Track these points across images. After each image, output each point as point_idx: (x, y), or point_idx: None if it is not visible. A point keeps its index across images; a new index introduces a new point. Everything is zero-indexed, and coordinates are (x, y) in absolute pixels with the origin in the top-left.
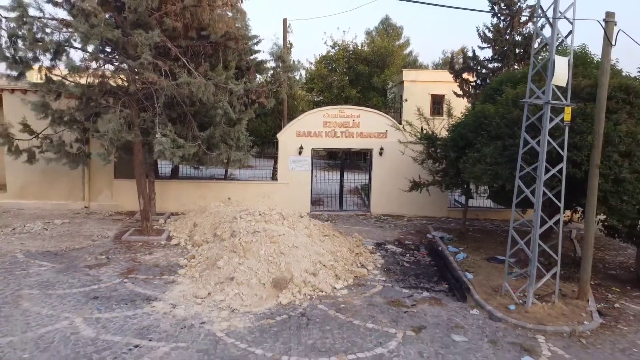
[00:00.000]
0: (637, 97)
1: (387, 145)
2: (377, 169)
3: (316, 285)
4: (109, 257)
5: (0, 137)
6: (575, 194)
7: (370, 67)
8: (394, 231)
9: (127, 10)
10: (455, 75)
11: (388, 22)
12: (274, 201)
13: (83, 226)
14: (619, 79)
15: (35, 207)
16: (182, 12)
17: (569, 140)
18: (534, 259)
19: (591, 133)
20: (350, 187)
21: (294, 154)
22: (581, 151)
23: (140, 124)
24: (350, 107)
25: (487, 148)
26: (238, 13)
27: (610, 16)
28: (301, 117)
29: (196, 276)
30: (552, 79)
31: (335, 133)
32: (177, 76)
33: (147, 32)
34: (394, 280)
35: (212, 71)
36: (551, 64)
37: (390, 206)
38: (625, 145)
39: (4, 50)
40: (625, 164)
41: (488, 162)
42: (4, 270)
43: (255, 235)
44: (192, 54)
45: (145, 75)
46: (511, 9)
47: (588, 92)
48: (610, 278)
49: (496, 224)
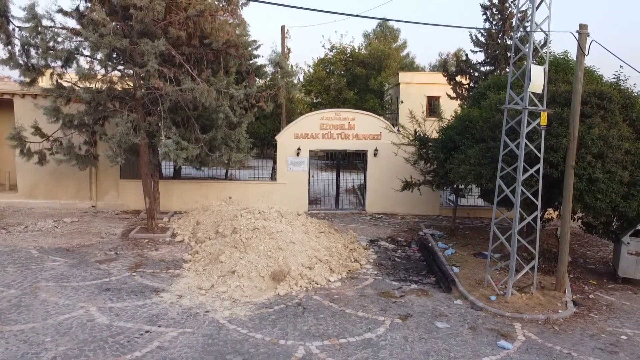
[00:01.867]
0: (611, 102)
1: (382, 147)
2: (372, 169)
3: (312, 278)
4: (117, 253)
5: (14, 139)
6: (553, 192)
7: (368, 69)
8: (387, 229)
9: (134, 20)
10: (448, 78)
11: (385, 25)
12: (273, 200)
13: (91, 224)
14: (595, 85)
15: (45, 206)
16: (186, 22)
17: (546, 142)
18: (513, 253)
19: (566, 136)
20: (347, 186)
21: (292, 155)
22: (557, 153)
23: (146, 127)
24: (346, 110)
25: (472, 150)
26: (239, 21)
27: (584, 28)
28: (299, 120)
29: (200, 270)
30: (529, 86)
31: (331, 135)
32: (181, 82)
33: (153, 41)
34: (385, 273)
35: (214, 77)
36: (528, 73)
37: (385, 205)
38: (597, 147)
39: (17, 58)
40: (598, 165)
41: (472, 163)
42: (21, 265)
43: (255, 231)
44: (195, 60)
45: (152, 82)
46: (503, 14)
47: (564, 97)
48: (589, 272)
49: (485, 221)
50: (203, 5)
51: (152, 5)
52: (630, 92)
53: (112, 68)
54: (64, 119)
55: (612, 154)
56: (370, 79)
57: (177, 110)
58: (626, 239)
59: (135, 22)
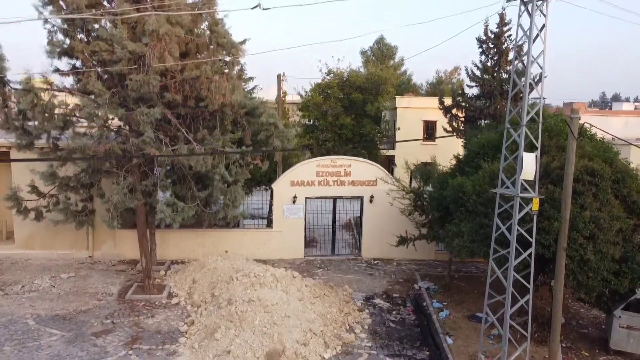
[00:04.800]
0: (602, 179)
1: (377, 193)
2: (367, 215)
3: (306, 356)
4: (114, 322)
5: (11, 200)
6: (545, 270)
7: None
8: (382, 280)
9: (129, 89)
10: (444, 111)
11: (383, 42)
12: (269, 248)
13: (88, 280)
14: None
15: (42, 257)
16: (182, 85)
17: (538, 224)
18: (505, 337)
19: (558, 219)
20: (344, 219)
21: (289, 203)
22: (549, 235)
23: (143, 189)
24: (342, 157)
25: (465, 225)
26: (234, 85)
27: (575, 112)
28: (295, 168)
29: (195, 347)
30: (521, 174)
31: (327, 182)
32: (177, 143)
33: (149, 107)
34: (379, 346)
35: (210, 135)
36: (520, 161)
37: (381, 250)
38: (589, 230)
39: (14, 122)
40: (590, 247)
41: (465, 240)
42: (17, 343)
43: (251, 304)
44: (191, 119)
45: (147, 150)
46: (499, 48)
47: (557, 174)
48: (581, 338)
49: (480, 267)
50: (199, 71)
51: (148, 79)
52: (621, 166)
53: (108, 135)
54: (60, 182)
55: (603, 235)
56: (367, 104)
57: (173, 169)
58: (618, 313)
59: (131, 91)
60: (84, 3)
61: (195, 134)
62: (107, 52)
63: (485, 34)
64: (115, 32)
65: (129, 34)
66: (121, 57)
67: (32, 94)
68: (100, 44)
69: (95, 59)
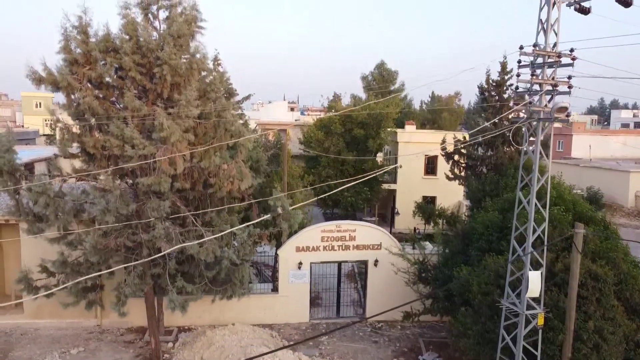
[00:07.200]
0: (605, 284)
1: (382, 257)
2: (372, 278)
3: None
4: None
5: (21, 283)
6: None
7: (366, 130)
8: (387, 350)
9: (139, 186)
10: (446, 157)
11: (383, 67)
12: (275, 312)
13: (97, 355)
14: (591, 263)
15: (50, 326)
16: (190, 172)
17: (543, 335)
18: None
19: (562, 331)
20: (347, 268)
21: (294, 268)
22: (554, 344)
23: (152, 274)
24: (346, 222)
25: (471, 325)
26: (242, 173)
27: (579, 227)
28: (300, 234)
29: None
30: (527, 293)
31: (332, 247)
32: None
33: (158, 198)
34: None
35: (218, 216)
36: (525, 280)
37: (386, 313)
38: (593, 341)
39: (25, 210)
40: (594, 356)
41: (472, 342)
42: None
43: None
44: (199, 202)
45: (157, 245)
46: (501, 96)
47: (561, 277)
48: None
49: None
50: (207, 162)
51: (159, 181)
52: (622, 268)
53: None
54: (71, 268)
55: (607, 345)
56: (369, 140)
57: (181, 251)
58: None
59: (141, 186)
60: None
61: (203, 217)
62: (117, 148)
63: (487, 82)
64: (126, 132)
65: (138, 126)
66: (132, 155)
67: (45, 196)
68: (112, 140)
69: (106, 154)
